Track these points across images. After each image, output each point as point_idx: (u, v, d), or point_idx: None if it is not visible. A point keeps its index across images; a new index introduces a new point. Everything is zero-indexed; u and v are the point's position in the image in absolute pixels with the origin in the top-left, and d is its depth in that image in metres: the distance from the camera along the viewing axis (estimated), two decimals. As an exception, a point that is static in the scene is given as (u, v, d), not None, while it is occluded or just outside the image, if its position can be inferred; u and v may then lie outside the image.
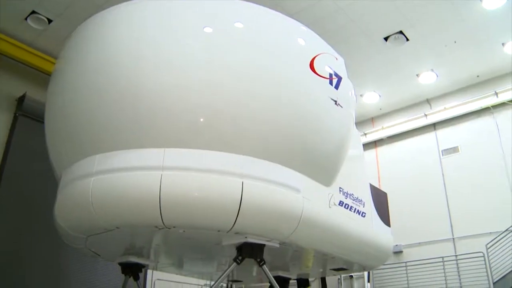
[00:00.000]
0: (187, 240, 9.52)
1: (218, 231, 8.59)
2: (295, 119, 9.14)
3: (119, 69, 8.49)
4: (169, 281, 18.12)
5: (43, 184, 12.75)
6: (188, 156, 8.24)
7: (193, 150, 8.29)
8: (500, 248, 16.42)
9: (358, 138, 12.98)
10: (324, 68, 9.76)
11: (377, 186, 16.05)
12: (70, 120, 9.07)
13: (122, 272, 12.10)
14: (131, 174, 8.03)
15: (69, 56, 9.76)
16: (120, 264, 11.88)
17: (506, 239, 16.40)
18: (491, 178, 17.65)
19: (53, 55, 16.45)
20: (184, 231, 8.73)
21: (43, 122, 10.09)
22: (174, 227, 8.40)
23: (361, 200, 11.73)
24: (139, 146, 8.32)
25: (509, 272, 15.75)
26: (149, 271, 17.53)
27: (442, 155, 19.41)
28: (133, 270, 12.02)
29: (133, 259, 11.62)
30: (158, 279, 18.34)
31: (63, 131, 9.40)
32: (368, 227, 11.98)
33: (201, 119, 8.39)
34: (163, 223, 8.10)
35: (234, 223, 8.22)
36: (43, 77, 16.40)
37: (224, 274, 9.97)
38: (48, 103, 10.05)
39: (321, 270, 13.89)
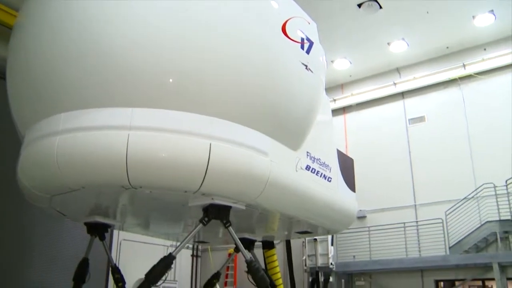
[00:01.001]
0: (153, 200, 9.49)
1: (185, 192, 8.58)
2: (265, 81, 9.10)
3: (85, 24, 8.23)
4: (135, 241, 18.17)
5: (6, 142, 12.43)
6: (156, 116, 8.13)
7: (161, 110, 8.18)
8: (458, 215, 16.98)
9: (327, 103, 13.02)
10: (296, 32, 9.70)
11: (344, 152, 16.27)
12: (34, 77, 8.79)
13: (88, 232, 12.02)
14: (97, 133, 7.88)
15: (32, 9, 9.39)
16: (86, 224, 11.78)
17: (463, 207, 16.96)
18: (454, 148, 18.09)
19: (15, 8, 15.79)
20: (150, 191, 8.69)
21: (4, 79, 9.76)
22: (140, 187, 8.34)
23: (328, 165, 11.86)
24: (106, 105, 8.15)
25: (464, 238, 16.36)
26: (115, 232, 17.49)
27: (409, 123, 19.74)
28: (99, 230, 11.96)
29: (99, 219, 11.54)
30: (124, 240, 18.37)
31: (27, 88, 9.11)
32: (333, 192, 12.14)
33: (170, 79, 8.25)
34: (129, 183, 8.02)
35: (201, 185, 8.22)
36: (3, 31, 15.75)
37: (190, 235, 10.03)
38: (9, 58, 9.68)
39: (286, 233, 14.12)
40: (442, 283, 18.29)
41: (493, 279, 15.79)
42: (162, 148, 7.96)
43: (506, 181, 15.97)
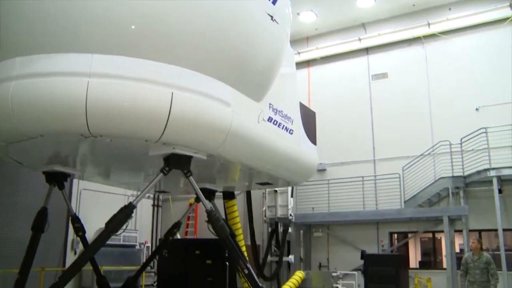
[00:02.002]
0: (114, 149, 9.40)
1: (146, 141, 8.52)
2: (229, 31, 8.97)
3: (42, -35, 7.88)
4: (95, 191, 18.04)
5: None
6: (117, 63, 7.94)
7: (122, 57, 7.99)
8: (414, 170, 17.52)
9: (291, 56, 12.99)
10: (262, -18, 9.53)
11: (306, 105, 16.39)
12: (-14, 18, 8.40)
13: (47, 181, 11.85)
14: (55, 80, 7.64)
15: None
16: (44, 173, 11.65)
17: (420, 163, 17.48)
18: (414, 105, 18.42)
19: None
20: (111, 140, 8.58)
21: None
22: (100, 136, 8.22)
23: (290, 118, 11.96)
24: (64, 50, 7.90)
25: (419, 192, 16.96)
26: (75, 181, 17.32)
27: (372, 79, 19.93)
28: (58, 179, 11.81)
29: (58, 168, 11.38)
30: (84, 189, 18.22)
31: (-21, 29, 8.73)
32: (294, 144, 12.32)
33: (132, 25, 8.04)
34: (89, 131, 7.89)
35: (162, 134, 8.18)
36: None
37: (151, 185, 10.03)
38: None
39: (246, 183, 14.29)
40: (396, 235, 19.04)
41: (442, 231, 16.53)
42: (123, 96, 7.81)
43: (461, 140, 16.43)
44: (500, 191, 14.92)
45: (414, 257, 19.05)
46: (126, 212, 9.42)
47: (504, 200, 15.63)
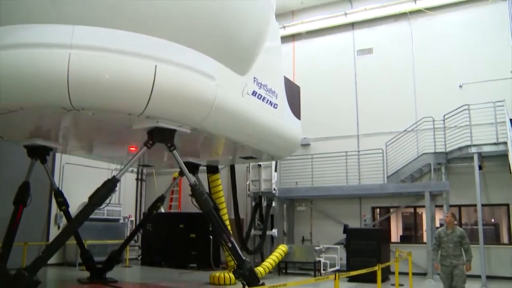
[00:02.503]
0: (97, 123, 9.34)
1: (129, 114, 8.46)
2: (214, 3, 8.86)
3: None
4: (78, 165, 17.94)
5: None
6: (99, 35, 7.81)
7: (105, 29, 7.87)
8: (398, 146, 17.65)
9: (276, 30, 12.90)
10: (248, -47, 9.40)
11: (291, 79, 16.34)
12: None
13: (28, 155, 11.77)
14: (35, 51, 7.49)
15: None
16: (26, 147, 11.57)
17: (403, 139, 17.60)
18: (398, 81, 18.43)
19: None
20: (93, 113, 8.51)
21: None
22: (83, 109, 8.14)
23: (274, 92, 11.94)
24: (45, 21, 7.75)
25: (401, 168, 17.11)
26: (58, 155, 17.20)
27: (357, 55, 19.85)
28: (40, 153, 11.74)
29: (40, 142, 11.32)
30: (67, 163, 18.10)
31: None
32: (279, 119, 12.32)
33: (116, -4, 7.92)
34: (71, 104, 7.80)
35: (146, 107, 8.12)
36: None
37: (134, 158, 10.02)
38: None
39: (230, 157, 14.33)
40: (378, 210, 19.25)
41: (423, 206, 16.74)
42: (106, 68, 7.70)
43: (444, 116, 16.52)
44: (480, 168, 15.10)
45: (396, 231, 19.32)
46: (109, 186, 9.42)
47: (484, 176, 15.82)
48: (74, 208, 14.26)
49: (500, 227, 17.14)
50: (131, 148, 12.09)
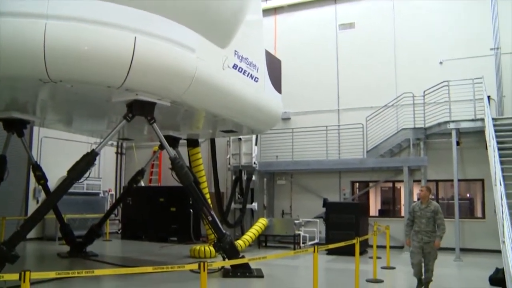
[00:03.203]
0: (75, 95, 9.17)
1: (108, 87, 8.33)
2: (194, -25, 8.76)
3: None
4: (57, 138, 17.71)
5: None
6: (77, 5, 7.60)
7: (83, -1, 7.69)
8: (378, 121, 17.76)
9: (258, 3, 12.75)
10: None
11: (272, 53, 16.23)
12: None
13: (4, 129, 11.57)
14: (9, 21, 7.24)
15: None
16: (2, 120, 11.34)
17: (383, 114, 17.70)
18: (379, 56, 18.42)
19: None
20: (72, 86, 8.36)
21: None
22: (60, 81, 7.98)
23: (255, 65, 11.85)
24: (19, -11, 7.52)
25: (381, 143, 17.25)
26: (35, 128, 16.94)
27: (339, 29, 19.76)
28: (17, 127, 11.53)
29: (17, 115, 11.11)
30: (45, 137, 17.85)
31: None
32: (259, 92, 12.27)
33: (93, -36, 7.70)
34: (48, 76, 7.63)
35: (125, 80, 7.99)
36: None
37: (114, 132, 9.90)
38: None
39: (211, 131, 14.28)
40: (357, 184, 19.45)
41: (402, 181, 16.95)
42: (84, 40, 7.53)
43: (424, 92, 16.61)
44: (458, 143, 15.29)
45: (374, 205, 19.58)
46: (88, 160, 9.33)
47: (461, 152, 16.03)
48: (53, 182, 14.13)
49: (474, 202, 17.52)
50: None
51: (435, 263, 8.96)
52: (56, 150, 18.03)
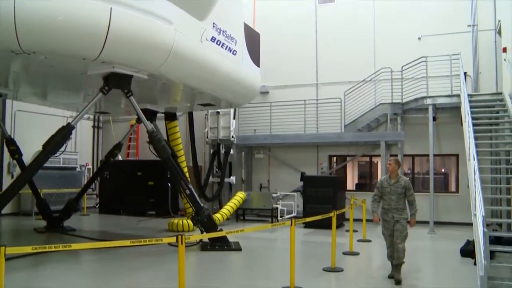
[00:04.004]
0: (49, 67, 8.97)
1: (84, 59, 8.15)
2: None
3: None
4: (31, 112, 17.37)
5: None
6: (49, -26, 7.39)
7: (56, -33, 7.45)
8: (356, 95, 17.82)
9: (236, -26, 12.55)
10: None
11: (251, 26, 16.06)
12: None
13: (-24, 101, 11.40)
14: (-23, -9, 7.02)
15: None
16: (-29, 92, 11.14)
17: (361, 88, 17.76)
18: (359, 31, 18.36)
19: None
20: (45, 57, 8.15)
21: None
22: (33, 52, 7.78)
23: (234, 38, 11.73)
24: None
25: (359, 117, 17.35)
26: (9, 101, 16.57)
27: (318, 3, 19.60)
28: (-11, 99, 11.37)
29: (-12, 88, 10.93)
30: (19, 110, 17.48)
31: None
32: (238, 65, 12.17)
33: None
34: (20, 47, 7.42)
35: (101, 52, 7.83)
36: None
37: (90, 105, 9.73)
38: None
39: (188, 104, 14.15)
40: (335, 158, 19.59)
41: (379, 155, 17.13)
42: (57, 10, 7.29)
43: (402, 67, 16.69)
44: (434, 119, 15.46)
45: (351, 179, 19.79)
46: (64, 133, 9.19)
47: (437, 127, 16.21)
48: (28, 156, 13.88)
49: (449, 176, 17.85)
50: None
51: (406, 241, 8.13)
52: (30, 124, 17.70)
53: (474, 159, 9.47)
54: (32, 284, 7.33)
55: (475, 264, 8.43)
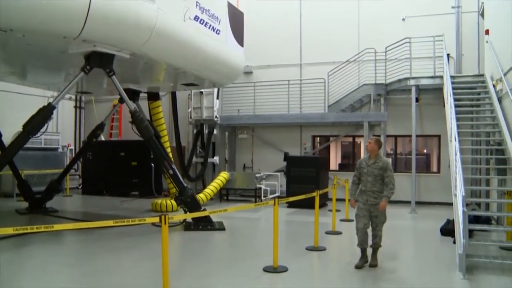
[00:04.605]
0: (28, 46, 8.79)
1: (64, 37, 8.01)
2: None
3: None
4: (11, 92, 17.05)
5: None
6: None
7: None
8: (339, 76, 17.83)
9: (220, -48, 12.37)
10: None
11: (235, 5, 15.88)
12: None
13: (-47, 81, 11.15)
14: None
15: None
16: (-51, 72, 10.91)
17: (345, 69, 17.76)
18: (343, 12, 18.23)
19: None
20: (24, 35, 7.98)
21: None
22: (11, 30, 7.60)
23: (217, 17, 11.60)
24: None
25: (342, 98, 17.38)
26: (-13, 81, 16.27)
27: (302, -18, 19.45)
28: (-35, 79, 11.12)
29: (-36, 67, 10.71)
30: (-1, 90, 17.22)
31: None
32: (221, 45, 12.06)
33: None
34: (-4, 24, 7.26)
35: (82, 30, 7.69)
36: None
37: (71, 84, 9.59)
38: None
39: (171, 84, 14.03)
40: (318, 138, 19.65)
41: (362, 136, 17.22)
42: (36, -14, 7.20)
43: (386, 48, 16.71)
44: (417, 100, 15.55)
45: (335, 159, 19.88)
46: (45, 113, 9.06)
47: (420, 108, 16.31)
48: (7, 137, 13.66)
49: (431, 157, 18.05)
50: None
51: (383, 227, 7.63)
52: (10, 104, 17.39)
53: (455, 140, 9.57)
54: (14, 266, 7.29)
55: (454, 242, 8.60)
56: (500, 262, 7.32)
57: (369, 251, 7.54)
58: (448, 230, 10.15)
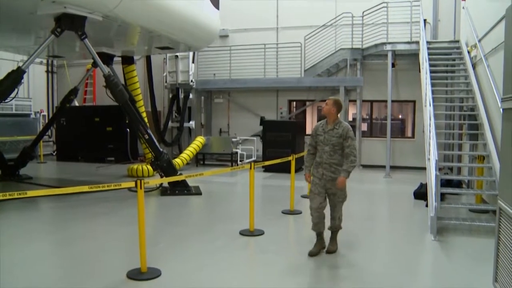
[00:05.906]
0: (-6, 7, 8.50)
1: (32, -2, 7.76)
2: None
3: None
4: (-22, 56, 16.59)
5: None
6: None
7: None
8: (316, 40, 17.73)
9: None
10: None
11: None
12: None
13: None
14: None
15: None
16: None
17: (322, 33, 17.66)
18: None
19: None
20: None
21: None
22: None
23: (192, -21, 11.36)
24: None
25: (318, 62, 17.34)
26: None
27: None
28: None
29: None
30: (-34, 53, 16.66)
31: None
32: (196, 7, 11.83)
33: None
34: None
35: (51, -10, 7.46)
36: None
37: (41, 48, 9.31)
38: None
39: (146, 48, 13.76)
40: (294, 103, 19.64)
41: (339, 100, 17.22)
42: None
43: (363, 13, 16.58)
44: (393, 65, 15.62)
45: (311, 124, 19.93)
46: (14, 78, 8.82)
47: (396, 73, 16.39)
48: (-23, 103, 13.33)
49: (406, 122, 18.27)
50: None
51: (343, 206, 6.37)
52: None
53: (430, 105, 9.68)
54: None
55: (427, 205, 8.81)
56: (469, 224, 7.55)
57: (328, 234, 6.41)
58: (421, 193, 10.37)
